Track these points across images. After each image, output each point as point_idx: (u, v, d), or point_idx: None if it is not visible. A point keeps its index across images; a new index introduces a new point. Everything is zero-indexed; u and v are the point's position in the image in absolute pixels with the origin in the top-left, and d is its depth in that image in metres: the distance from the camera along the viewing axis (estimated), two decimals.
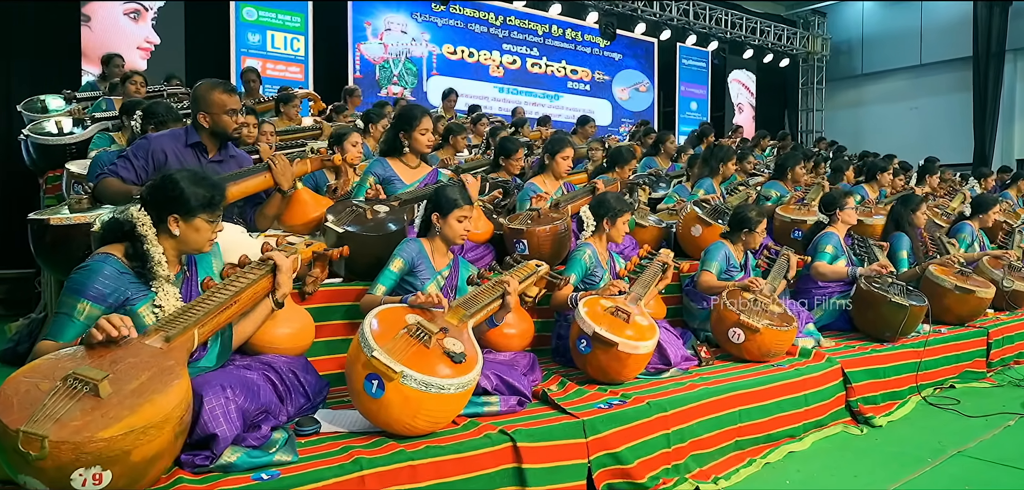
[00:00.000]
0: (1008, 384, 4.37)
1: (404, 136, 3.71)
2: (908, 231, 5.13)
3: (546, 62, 13.70)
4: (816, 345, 3.97)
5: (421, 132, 3.69)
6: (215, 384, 2.06)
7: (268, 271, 2.35)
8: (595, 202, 3.88)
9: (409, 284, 3.06)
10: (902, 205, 5.25)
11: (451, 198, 3.09)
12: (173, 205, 2.18)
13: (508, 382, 2.73)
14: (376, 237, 3.25)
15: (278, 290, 2.37)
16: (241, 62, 9.76)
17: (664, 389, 3.06)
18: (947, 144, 14.83)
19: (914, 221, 5.17)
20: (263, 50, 10.29)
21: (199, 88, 3.10)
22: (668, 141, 7.19)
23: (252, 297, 2.29)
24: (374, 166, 3.72)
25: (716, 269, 4.12)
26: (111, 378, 1.76)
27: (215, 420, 2.00)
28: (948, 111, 15.50)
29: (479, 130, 7.76)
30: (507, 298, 2.87)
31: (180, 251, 2.27)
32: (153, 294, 2.17)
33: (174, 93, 5.76)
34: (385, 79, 11.61)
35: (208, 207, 2.22)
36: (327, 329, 3.14)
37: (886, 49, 16.62)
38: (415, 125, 3.68)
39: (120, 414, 1.69)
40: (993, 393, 4.21)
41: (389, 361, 2.21)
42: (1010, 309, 5.22)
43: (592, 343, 3.02)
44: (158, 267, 2.16)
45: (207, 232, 2.25)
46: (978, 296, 4.69)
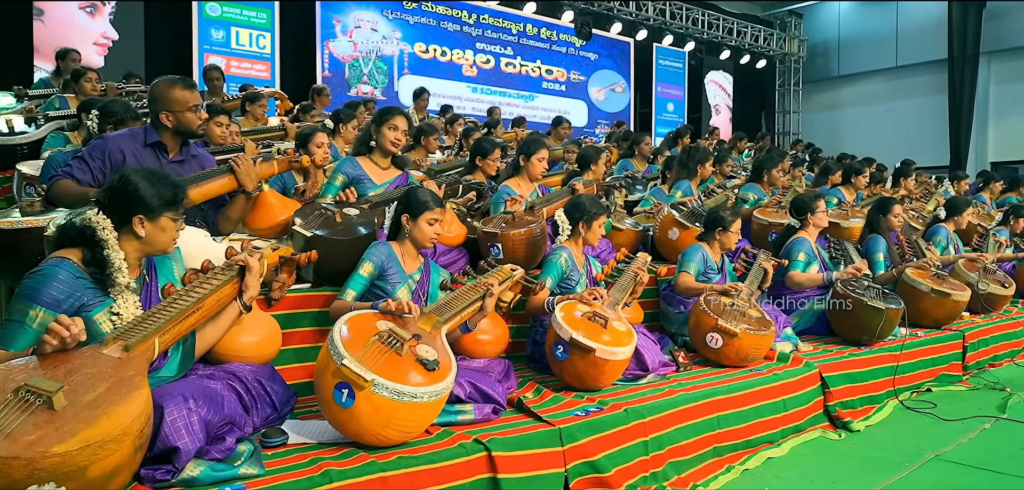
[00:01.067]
0: (984, 387, 4.47)
1: (374, 131, 3.70)
2: (883, 234, 5.23)
3: (520, 62, 13.74)
4: (794, 349, 4.03)
5: (389, 128, 3.67)
6: (177, 395, 2.02)
7: (234, 275, 2.32)
8: (570, 205, 3.90)
9: (380, 289, 3.04)
10: (877, 208, 5.35)
11: (422, 200, 3.09)
12: (136, 206, 2.15)
13: (482, 390, 2.72)
14: (346, 241, 3.23)
15: (246, 292, 2.34)
16: (204, 59, 9.64)
17: (642, 395, 3.07)
18: (923, 146, 15.17)
19: (889, 224, 5.26)
20: (227, 47, 10.17)
21: (158, 86, 3.05)
22: (644, 143, 7.25)
23: (216, 303, 2.25)
24: (343, 165, 3.70)
25: (694, 271, 4.15)
26: (66, 390, 1.72)
27: (177, 432, 1.96)
28: (924, 113, 15.86)
29: (453, 131, 7.75)
30: (487, 301, 2.88)
31: (144, 254, 2.24)
32: (111, 300, 2.13)
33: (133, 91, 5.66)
34: (355, 78, 11.55)
35: (172, 205, 2.21)
36: (294, 336, 3.11)
37: (862, 51, 16.96)
38: (385, 120, 3.68)
39: (76, 428, 1.65)
40: (969, 396, 4.31)
41: (360, 369, 2.19)
42: (985, 312, 5.34)
43: (569, 349, 3.03)
44: (118, 273, 2.12)
45: (172, 231, 2.24)
46: (954, 299, 4.80)
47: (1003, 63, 15.15)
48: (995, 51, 15.08)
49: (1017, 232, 6.92)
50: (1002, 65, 15.18)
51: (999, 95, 15.26)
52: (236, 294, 2.34)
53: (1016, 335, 5.28)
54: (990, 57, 15.17)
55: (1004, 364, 5.03)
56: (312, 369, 2.58)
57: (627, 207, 5.78)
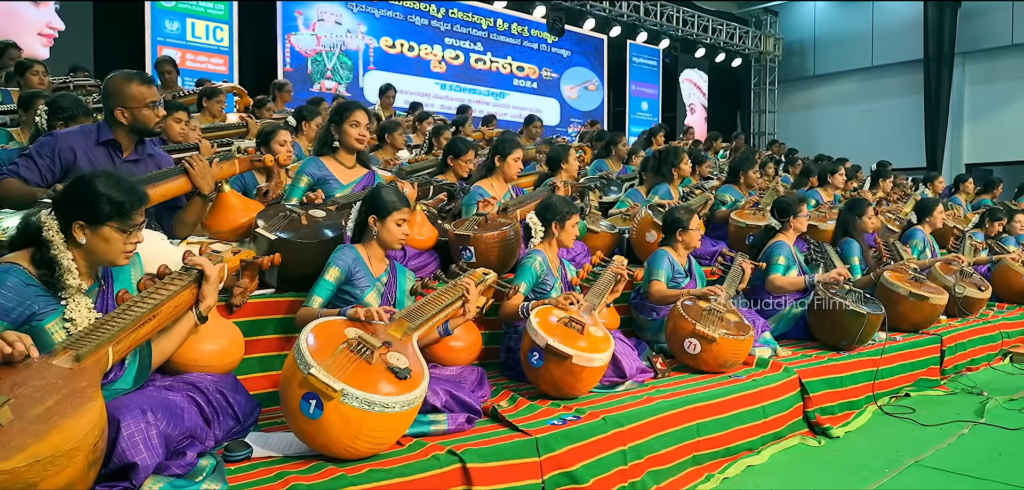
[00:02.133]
0: (961, 392, 4.59)
1: (335, 130, 3.66)
2: (857, 237, 5.34)
3: (491, 58, 13.75)
4: (773, 354, 4.09)
5: (351, 124, 3.64)
6: (133, 407, 1.98)
7: (192, 281, 2.28)
8: (541, 206, 3.91)
9: (347, 294, 3.02)
10: (850, 210, 5.46)
11: (389, 200, 3.07)
12: (79, 210, 2.09)
13: (457, 398, 2.72)
14: (311, 244, 3.20)
15: (203, 301, 2.29)
16: (157, 52, 9.46)
17: (620, 403, 3.10)
18: (900, 148, 15.52)
19: (862, 226, 5.37)
20: (182, 39, 10.01)
21: (113, 81, 2.99)
22: (619, 143, 7.30)
23: (174, 310, 2.21)
24: (308, 166, 3.66)
25: (664, 277, 4.19)
26: (12, 403, 1.68)
27: (134, 447, 1.92)
28: (900, 114, 16.23)
29: (422, 129, 7.72)
30: (469, 303, 2.89)
31: (93, 262, 2.18)
32: (63, 307, 2.08)
33: (82, 86, 5.53)
34: (318, 73, 11.45)
35: (118, 215, 2.12)
36: (258, 344, 3.08)
37: (838, 50, 17.31)
38: (345, 116, 3.64)
39: (24, 442, 1.61)
40: (947, 401, 4.42)
41: (328, 378, 2.17)
42: (962, 315, 5.47)
43: (544, 356, 3.04)
44: (67, 275, 2.07)
45: (118, 243, 2.14)
46: (932, 302, 4.92)
47: (978, 64, 15.57)
48: (970, 52, 15.48)
49: (992, 235, 7.12)
50: (977, 66, 15.59)
51: (974, 96, 15.68)
52: (194, 301, 2.30)
53: (993, 339, 5.43)
54: (965, 58, 15.57)
55: (981, 368, 5.17)
56: (277, 379, 2.56)
57: (602, 209, 5.82)
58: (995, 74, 15.33)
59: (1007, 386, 4.71)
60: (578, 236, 4.09)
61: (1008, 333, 5.62)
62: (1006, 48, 14.95)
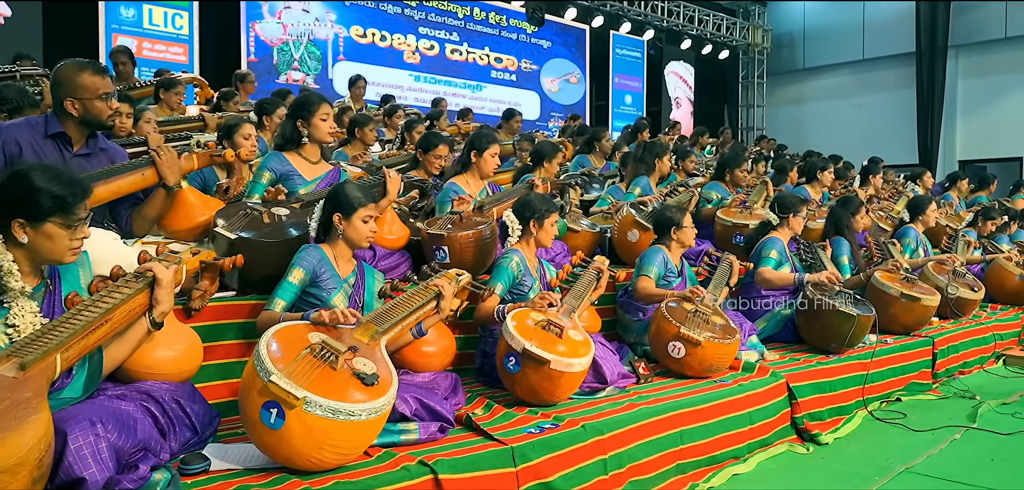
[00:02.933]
0: (954, 396, 4.66)
1: (302, 125, 3.64)
2: (847, 235, 5.40)
3: (467, 48, 13.74)
4: (760, 358, 4.12)
5: (321, 118, 3.62)
6: (82, 419, 1.95)
7: (146, 285, 2.25)
8: (518, 204, 3.92)
9: (312, 297, 3.00)
10: (841, 208, 5.52)
11: (355, 196, 3.06)
12: (18, 207, 2.05)
13: (428, 406, 2.71)
14: (275, 244, 3.18)
15: (156, 307, 2.25)
16: (112, 41, 9.34)
17: (600, 410, 3.10)
18: (892, 144, 15.71)
19: (853, 225, 5.43)
20: (138, 27, 9.89)
21: (63, 70, 2.95)
22: (603, 138, 7.33)
23: (127, 316, 2.18)
24: (270, 161, 3.63)
25: (655, 274, 4.21)
26: None
27: (82, 461, 1.89)
28: (892, 109, 16.44)
29: (394, 123, 7.69)
30: (442, 302, 2.89)
31: (36, 262, 2.15)
32: (6, 311, 2.05)
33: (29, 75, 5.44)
34: (284, 64, 11.37)
35: (61, 210, 2.08)
36: (217, 350, 3.05)
37: (829, 43, 17.50)
38: (313, 111, 3.62)
39: None
40: (939, 405, 4.48)
41: (290, 386, 2.15)
42: (954, 317, 5.56)
43: (521, 361, 3.04)
44: (8, 277, 2.03)
45: (63, 240, 2.11)
46: (924, 304, 4.99)
47: (971, 57, 15.81)
48: (963, 45, 15.72)
49: (985, 234, 7.24)
50: (970, 59, 15.83)
51: (967, 90, 15.92)
52: (148, 306, 2.26)
53: (985, 341, 5.52)
54: (958, 51, 15.81)
55: (974, 371, 5.26)
56: (237, 387, 2.53)
57: (583, 207, 5.84)
58: (989, 68, 15.57)
59: (1000, 390, 4.79)
60: (558, 235, 4.10)
61: (1001, 335, 5.72)
62: (999, 41, 15.20)
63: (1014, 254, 6.76)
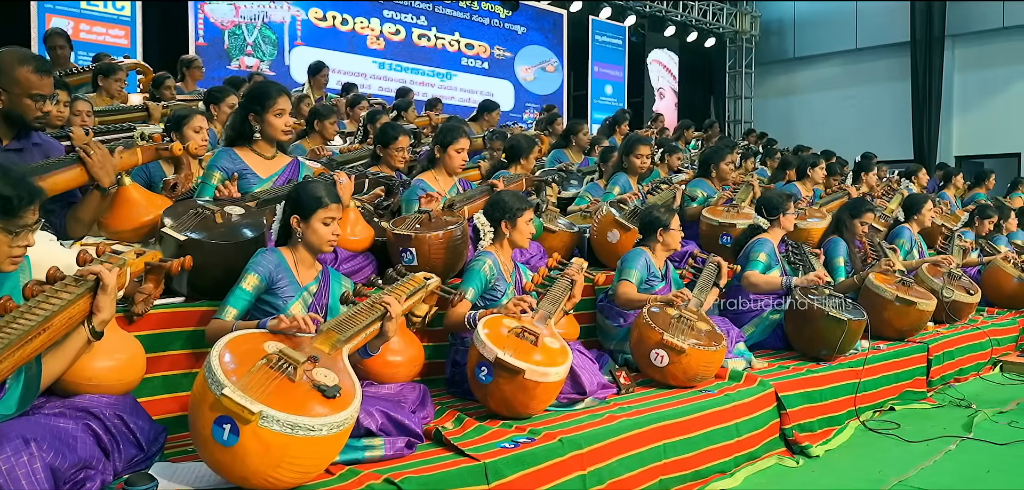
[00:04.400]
0: (949, 404, 4.76)
1: (254, 119, 3.61)
2: (847, 238, 5.49)
3: (436, 34, 13.71)
4: (747, 366, 4.18)
5: (275, 114, 3.59)
6: (15, 437, 1.93)
7: (88, 289, 2.22)
8: (489, 203, 3.93)
9: (268, 305, 2.99)
10: (848, 210, 5.61)
11: (314, 196, 3.05)
12: None
13: (394, 420, 2.71)
14: (227, 246, 3.15)
15: (97, 315, 2.22)
16: (45, 22, 9.19)
17: (578, 422, 3.12)
18: (885, 138, 15.96)
19: (854, 230, 5.52)
20: (75, 6, 9.73)
21: (2, 56, 2.90)
22: (581, 131, 7.36)
23: (66, 323, 2.15)
24: (220, 158, 3.59)
25: (636, 278, 4.25)
26: None
27: (14, 483, 1.87)
28: (887, 101, 16.69)
29: (355, 114, 7.66)
30: (387, 324, 2.84)
31: None
32: None
33: None
34: (236, 49, 11.27)
35: (2, 213, 2.06)
36: (164, 361, 3.02)
37: (820, 31, 17.70)
38: (268, 105, 3.58)
39: None
40: (934, 414, 4.57)
41: (244, 399, 2.14)
42: (950, 321, 5.68)
43: (494, 371, 3.05)
44: None
45: (3, 247, 2.08)
46: (919, 308, 5.08)
47: (968, 47, 16.09)
48: (960, 35, 16.00)
49: (982, 234, 7.38)
50: (967, 49, 16.12)
51: (964, 83, 16.21)
52: (87, 314, 2.23)
53: (982, 347, 5.64)
54: (955, 41, 16.08)
55: (970, 378, 5.38)
56: (186, 400, 2.51)
57: (560, 205, 5.86)
58: (987, 59, 15.86)
59: (996, 397, 4.90)
60: (534, 236, 4.12)
61: (998, 340, 5.85)
62: (998, 31, 15.48)
63: (1012, 255, 6.90)
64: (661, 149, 6.97)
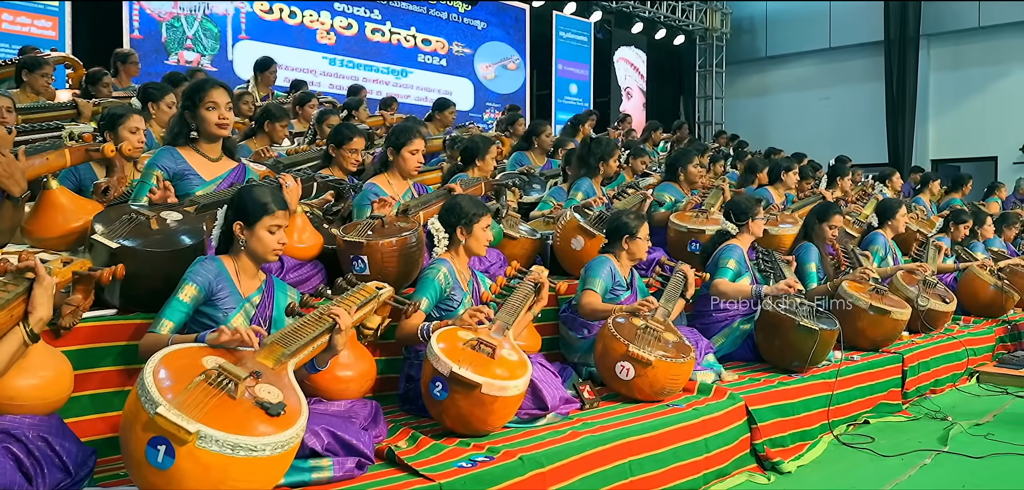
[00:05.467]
0: (925, 417, 4.86)
1: (189, 115, 3.58)
2: (818, 243, 5.58)
3: (391, 28, 13.68)
4: (717, 379, 4.23)
5: (207, 108, 3.56)
6: None
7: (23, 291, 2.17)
8: (444, 208, 3.93)
9: (207, 317, 2.95)
10: (816, 215, 5.70)
11: (259, 201, 3.02)
12: None
13: (343, 439, 2.70)
14: (164, 254, 3.12)
15: (34, 313, 2.18)
16: None
17: (540, 439, 3.14)
18: (860, 140, 16.28)
19: (823, 234, 5.62)
20: None
21: None
22: (544, 133, 7.39)
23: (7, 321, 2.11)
24: (160, 157, 3.56)
25: (601, 288, 4.28)
26: None
27: None
28: (861, 103, 17.04)
29: (305, 113, 7.61)
30: (336, 336, 2.82)
31: None
32: None
33: None
34: (175, 43, 11.12)
35: None
36: (93, 379, 2.98)
37: (793, 29, 18.02)
38: (199, 98, 3.56)
39: None
40: (909, 428, 4.67)
41: (180, 418, 2.12)
42: (925, 331, 5.80)
43: (449, 386, 3.05)
44: None
45: None
46: (894, 317, 5.19)
47: (944, 47, 16.50)
48: (935, 34, 16.40)
49: (958, 240, 7.56)
50: (943, 49, 16.53)
51: (940, 84, 16.61)
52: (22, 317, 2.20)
53: (958, 357, 5.78)
54: (930, 41, 16.49)
55: (946, 390, 5.50)
56: (117, 421, 2.48)
57: (522, 211, 5.88)
58: (963, 59, 16.28)
59: (973, 410, 5.02)
60: (493, 242, 4.12)
61: (974, 350, 6.00)
62: (973, 31, 15.91)
63: (988, 262, 7.07)
64: (627, 152, 7.03)
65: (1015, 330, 6.66)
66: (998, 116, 15.68)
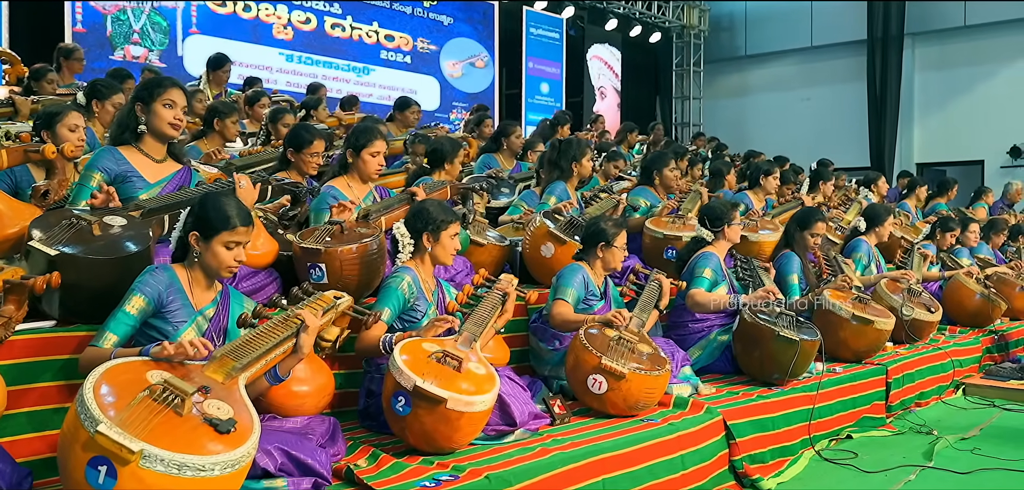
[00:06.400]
0: (909, 431, 4.92)
1: (141, 109, 3.56)
2: (799, 251, 5.65)
3: (351, 23, 13.64)
4: (693, 393, 4.26)
5: (164, 104, 3.54)
6: None
7: None
8: (411, 213, 3.93)
9: (156, 330, 2.93)
10: (797, 221, 5.76)
11: (222, 214, 3.00)
12: None
13: (298, 458, 2.69)
14: (106, 261, 3.09)
15: None
16: None
17: (508, 457, 3.14)
18: (843, 143, 16.49)
19: (805, 242, 5.68)
20: None
21: None
22: (513, 134, 7.41)
23: None
24: (102, 159, 3.53)
25: (573, 298, 4.29)
26: None
27: None
28: (844, 104, 17.25)
29: (257, 113, 7.57)
30: (302, 338, 2.83)
31: None
32: None
33: None
34: (120, 37, 11.01)
35: None
36: (30, 395, 2.94)
37: (773, 27, 18.22)
38: (157, 93, 3.54)
39: None
40: (893, 442, 4.73)
41: (123, 436, 2.10)
42: (910, 341, 5.88)
43: (412, 400, 3.04)
44: None
45: None
46: (877, 327, 5.26)
47: (928, 46, 16.77)
48: (920, 33, 16.66)
49: (945, 248, 7.68)
50: (927, 49, 16.79)
51: (925, 84, 16.87)
52: None
53: (943, 368, 5.86)
54: (915, 39, 16.74)
55: (931, 402, 5.57)
56: (55, 440, 2.45)
57: (490, 216, 5.88)
58: (948, 59, 16.54)
59: (958, 423, 5.09)
60: (460, 250, 4.13)
61: (961, 361, 6.09)
62: (959, 30, 16.18)
63: (975, 270, 7.18)
64: (601, 155, 7.07)
65: (1002, 340, 6.77)
66: (985, 118, 15.92)
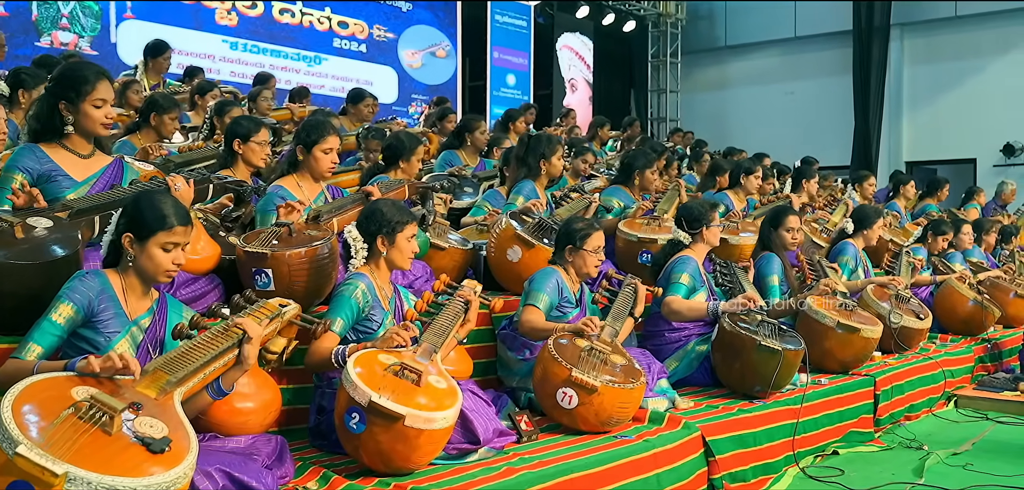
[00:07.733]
0: (898, 446, 4.98)
1: (66, 109, 3.50)
2: (779, 252, 5.69)
3: (302, 9, 13.58)
4: (670, 407, 4.27)
5: (94, 104, 3.49)
6: None
7: None
8: (363, 215, 3.90)
9: (86, 342, 2.88)
10: (769, 222, 5.80)
11: (158, 213, 2.97)
12: None
13: (241, 481, 2.65)
14: (30, 267, 3.05)
15: None
16: None
17: (470, 477, 3.13)
18: (829, 139, 16.65)
19: (782, 240, 5.72)
20: None
21: None
22: (477, 129, 7.40)
23: None
24: (23, 158, 3.47)
25: (545, 304, 4.28)
26: None
27: None
28: (829, 98, 17.42)
29: (201, 105, 7.50)
30: (245, 348, 2.80)
31: None
32: None
33: None
34: (47, 22, 10.88)
35: None
36: None
37: (755, 16, 18.34)
38: (85, 91, 3.49)
39: None
40: (881, 458, 4.78)
41: (44, 458, 2.05)
42: (899, 351, 5.94)
43: (367, 417, 3.02)
44: None
45: None
46: (864, 336, 5.31)
47: (917, 38, 17.00)
48: (908, 24, 16.87)
49: (936, 252, 7.77)
50: (916, 40, 17.02)
51: (914, 78, 17.09)
52: None
53: (934, 379, 5.94)
54: (903, 31, 16.96)
55: (921, 415, 5.65)
56: None
57: (452, 218, 5.87)
58: (938, 52, 16.76)
59: (950, 437, 5.16)
60: (419, 254, 4.11)
61: (952, 371, 6.18)
62: (949, 20, 16.41)
63: (967, 274, 7.27)
64: (571, 151, 7.08)
65: (996, 349, 6.88)
66: (977, 114, 16.10)
